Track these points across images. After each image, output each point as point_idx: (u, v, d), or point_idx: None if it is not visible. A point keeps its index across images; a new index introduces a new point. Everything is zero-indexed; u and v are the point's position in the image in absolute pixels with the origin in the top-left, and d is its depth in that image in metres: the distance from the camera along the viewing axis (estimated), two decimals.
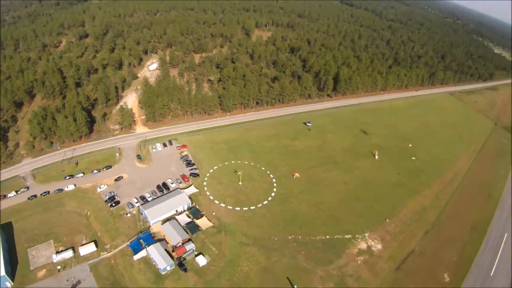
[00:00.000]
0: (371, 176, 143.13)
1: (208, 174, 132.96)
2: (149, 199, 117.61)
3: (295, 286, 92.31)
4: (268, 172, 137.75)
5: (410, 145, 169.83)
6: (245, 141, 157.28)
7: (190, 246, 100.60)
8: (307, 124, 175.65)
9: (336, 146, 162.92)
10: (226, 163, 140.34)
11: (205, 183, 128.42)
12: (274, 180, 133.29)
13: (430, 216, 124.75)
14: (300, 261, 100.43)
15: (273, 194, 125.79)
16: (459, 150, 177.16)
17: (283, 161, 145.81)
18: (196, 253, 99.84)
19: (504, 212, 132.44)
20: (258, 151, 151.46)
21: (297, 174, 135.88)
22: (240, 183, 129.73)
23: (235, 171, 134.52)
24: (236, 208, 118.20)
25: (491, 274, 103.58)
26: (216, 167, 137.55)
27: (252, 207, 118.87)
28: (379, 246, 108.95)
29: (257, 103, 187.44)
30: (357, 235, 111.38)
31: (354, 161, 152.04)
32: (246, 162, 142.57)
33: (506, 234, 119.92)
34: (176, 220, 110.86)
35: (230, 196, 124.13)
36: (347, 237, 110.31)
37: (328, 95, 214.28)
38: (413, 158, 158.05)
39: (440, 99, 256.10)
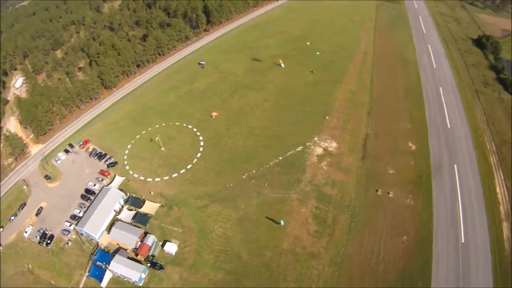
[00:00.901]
0: (287, 83, 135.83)
1: (125, 157, 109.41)
2: (81, 215, 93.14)
3: (281, 222, 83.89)
4: (184, 124, 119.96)
5: (308, 43, 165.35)
6: (144, 106, 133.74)
7: (151, 240, 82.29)
8: (200, 63, 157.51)
9: (237, 71, 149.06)
10: (137, 136, 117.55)
11: (127, 167, 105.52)
12: (195, 130, 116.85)
13: (363, 98, 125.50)
14: (269, 194, 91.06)
15: (202, 143, 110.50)
16: (356, 32, 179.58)
17: (193, 107, 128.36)
18: (161, 243, 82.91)
19: (427, 71, 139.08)
20: (163, 109, 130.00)
21: (214, 113, 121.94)
22: (162, 148, 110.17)
23: (151, 140, 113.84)
24: (173, 175, 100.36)
25: (449, 127, 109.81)
26: (129, 145, 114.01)
27: (188, 166, 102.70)
28: (334, 144, 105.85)
29: (138, 66, 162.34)
30: (307, 143, 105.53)
31: (262, 78, 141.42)
32: (157, 126, 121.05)
33: (440, 88, 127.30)
34: (120, 220, 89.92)
35: (160, 166, 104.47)
36: (299, 149, 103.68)
37: (205, 30, 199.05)
38: (318, 53, 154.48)
39: None
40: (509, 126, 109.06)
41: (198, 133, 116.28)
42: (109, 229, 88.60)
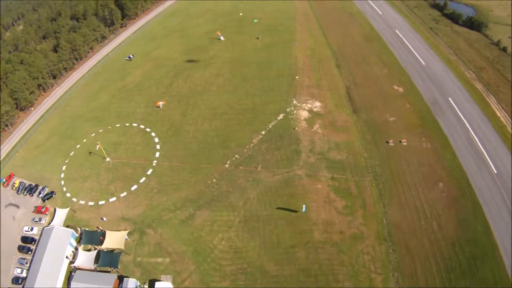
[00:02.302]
0: (235, 54, 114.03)
1: (62, 182, 75.97)
2: (24, 274, 58.35)
3: (303, 207, 61.47)
4: (127, 124, 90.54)
5: (241, 14, 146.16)
6: (72, 116, 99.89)
7: (131, 285, 52.93)
8: (128, 57, 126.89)
9: (172, 54, 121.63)
10: (71, 153, 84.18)
11: (68, 194, 72.41)
12: (142, 127, 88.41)
13: (324, 52, 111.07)
14: (269, 178, 68.48)
15: (157, 140, 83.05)
16: None
17: (132, 103, 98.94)
18: (147, 286, 54.14)
19: (376, 19, 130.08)
20: (96, 114, 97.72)
21: (161, 102, 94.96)
22: (107, 159, 78.98)
23: (90, 152, 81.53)
24: (132, 188, 71.01)
25: (424, 64, 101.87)
26: (64, 166, 79.96)
27: (148, 171, 74.48)
28: (318, 104, 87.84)
29: (54, 77, 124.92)
30: (287, 109, 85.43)
31: (204, 54, 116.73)
32: (93, 134, 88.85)
33: (397, 31, 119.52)
34: (79, 268, 57.95)
35: (111, 181, 73.39)
36: (281, 117, 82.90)
37: (121, 25, 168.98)
38: (255, 20, 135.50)
39: None
40: (475, 53, 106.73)
41: (148, 129, 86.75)
42: (66, 283, 56.92)
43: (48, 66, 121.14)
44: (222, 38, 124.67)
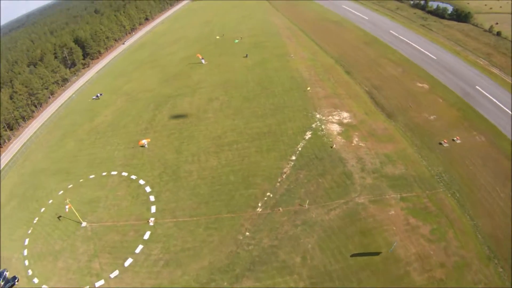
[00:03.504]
0: (225, 75, 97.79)
1: (26, 262, 54.68)
2: None
3: (392, 246, 43.33)
4: (104, 173, 69.15)
5: (218, 37, 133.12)
6: (34, 171, 79.37)
7: None
8: (96, 96, 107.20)
9: (148, 86, 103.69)
10: (35, 220, 62.53)
11: (36, 280, 51.13)
12: (125, 174, 67.40)
13: (327, 60, 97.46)
14: (324, 216, 49.55)
15: (148, 189, 62.06)
16: (260, 16, 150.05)
17: (108, 146, 78.30)
18: None
19: (364, 23, 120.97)
20: (62, 166, 76.02)
21: (144, 141, 74.57)
22: (83, 224, 56.89)
23: (59, 217, 60.19)
24: (126, 264, 49.14)
25: (435, 58, 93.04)
26: (27, 240, 58.19)
27: (146, 235, 53.00)
28: (345, 114, 71.27)
29: (11, 128, 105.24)
30: (313, 125, 67.93)
31: (187, 80, 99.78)
32: (61, 192, 66.73)
33: (391, 31, 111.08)
34: None
35: (93, 257, 51.39)
36: (309, 136, 65.24)
37: (84, 65, 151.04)
38: (236, 41, 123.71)
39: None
40: (475, 42, 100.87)
41: (134, 177, 65.47)
42: None
43: (3, 115, 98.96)
44: (204, 61, 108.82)
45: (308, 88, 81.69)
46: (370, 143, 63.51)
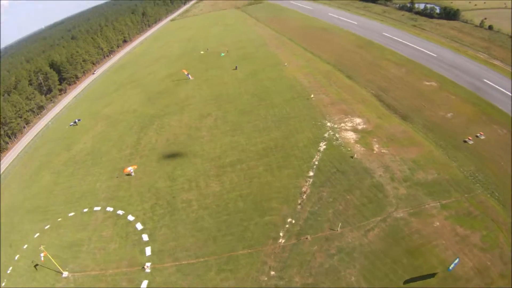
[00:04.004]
0: (217, 90, 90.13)
1: None
2: None
3: (452, 264, 34.77)
4: (84, 210, 58.14)
5: (202, 52, 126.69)
6: (7, 211, 67.03)
7: None
8: (76, 121, 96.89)
9: (131, 106, 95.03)
10: (8, 270, 51.06)
11: None
12: (110, 209, 56.38)
13: (324, 67, 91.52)
14: (360, 241, 40.57)
15: (139, 226, 50.93)
16: (243, 28, 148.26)
17: (88, 177, 67.43)
18: None
19: (354, 28, 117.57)
20: (38, 204, 63.87)
21: (130, 168, 63.96)
22: (64, 274, 45.51)
23: (36, 265, 48.71)
24: None
25: (435, 56, 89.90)
26: None
27: (142, 285, 41.81)
28: (358, 119, 63.96)
29: None
30: (325, 135, 60.85)
31: (173, 98, 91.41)
32: (37, 235, 55.26)
33: (384, 33, 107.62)
34: None
35: None
36: (324, 147, 57.45)
37: (60, 90, 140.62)
38: (222, 54, 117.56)
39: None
40: (470, 38, 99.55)
41: (121, 212, 54.68)
42: None
43: None
44: (190, 77, 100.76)
45: (312, 96, 74.82)
46: (393, 149, 56.22)
